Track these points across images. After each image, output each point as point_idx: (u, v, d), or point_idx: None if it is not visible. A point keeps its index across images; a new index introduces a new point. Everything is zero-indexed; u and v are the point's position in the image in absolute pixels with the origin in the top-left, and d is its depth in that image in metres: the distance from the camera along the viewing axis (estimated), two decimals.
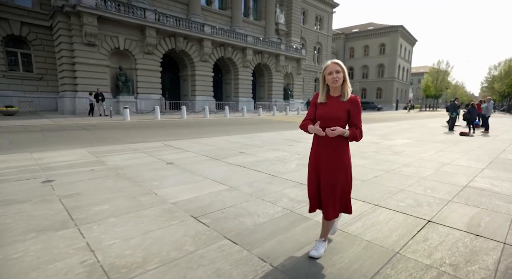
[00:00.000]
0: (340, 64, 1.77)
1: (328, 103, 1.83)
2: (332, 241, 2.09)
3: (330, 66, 1.77)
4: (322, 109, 1.84)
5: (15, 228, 2.15)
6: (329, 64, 1.79)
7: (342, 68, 1.77)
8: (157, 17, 18.16)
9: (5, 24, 16.18)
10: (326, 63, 1.81)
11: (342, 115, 1.78)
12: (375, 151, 6.23)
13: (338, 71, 1.75)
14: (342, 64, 1.79)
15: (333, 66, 1.76)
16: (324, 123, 1.78)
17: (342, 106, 1.78)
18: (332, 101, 1.82)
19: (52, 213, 2.44)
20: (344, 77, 1.78)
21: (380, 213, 2.63)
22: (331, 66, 1.77)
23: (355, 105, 1.80)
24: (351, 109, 1.79)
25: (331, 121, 1.77)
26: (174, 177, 3.73)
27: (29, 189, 3.07)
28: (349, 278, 1.63)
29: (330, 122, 1.77)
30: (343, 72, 1.77)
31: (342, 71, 1.76)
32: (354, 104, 1.79)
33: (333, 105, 1.80)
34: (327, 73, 1.78)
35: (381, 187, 3.47)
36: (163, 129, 10.25)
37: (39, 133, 8.30)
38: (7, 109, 13.25)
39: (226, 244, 2.00)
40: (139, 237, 2.07)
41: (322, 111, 1.83)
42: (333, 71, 1.75)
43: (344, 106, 1.78)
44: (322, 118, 1.81)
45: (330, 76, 1.76)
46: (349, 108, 1.78)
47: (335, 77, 1.75)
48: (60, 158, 4.67)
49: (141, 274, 1.62)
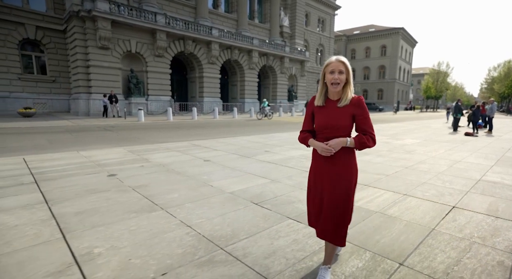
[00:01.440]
0: (345, 63, 1.47)
1: (328, 108, 1.54)
2: (376, 221, 2.53)
3: (333, 64, 1.47)
4: (321, 116, 1.55)
5: (115, 210, 2.59)
6: (332, 61, 1.48)
7: (347, 68, 1.48)
8: (167, 21, 18.64)
9: (22, 29, 16.66)
10: (329, 59, 1.50)
11: (346, 123, 1.49)
12: (388, 149, 6.67)
13: (341, 71, 1.46)
14: (348, 63, 1.49)
15: (336, 65, 1.46)
16: (325, 134, 1.52)
17: (345, 111, 1.49)
18: (332, 105, 1.53)
19: (135, 200, 2.89)
20: (348, 79, 1.49)
21: (410, 201, 3.07)
22: (334, 64, 1.47)
23: (360, 108, 1.50)
24: (356, 113, 1.49)
25: (333, 132, 1.50)
26: (218, 172, 4.17)
27: (100, 181, 3.51)
28: (399, 246, 2.07)
29: (332, 132, 1.50)
30: (347, 73, 1.48)
31: (346, 72, 1.47)
32: (359, 107, 1.50)
33: (334, 111, 1.51)
34: (328, 72, 1.49)
35: (404, 180, 3.91)
36: (181, 130, 10.69)
37: (68, 133, 8.74)
38: (26, 111, 13.69)
39: (292, 222, 2.45)
40: (219, 217, 2.51)
41: (322, 119, 1.54)
42: (335, 70, 1.46)
43: (347, 111, 1.49)
44: (323, 128, 1.53)
45: (331, 75, 1.47)
46: (353, 112, 1.49)
47: (337, 79, 1.45)
48: (106, 156, 5.11)
49: (238, 241, 2.06)
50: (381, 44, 51.71)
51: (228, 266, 1.76)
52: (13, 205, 2.66)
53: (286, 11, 30.80)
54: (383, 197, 3.20)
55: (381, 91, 52.94)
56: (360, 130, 1.53)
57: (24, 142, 6.86)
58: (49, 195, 2.94)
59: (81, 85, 16.29)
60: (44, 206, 2.64)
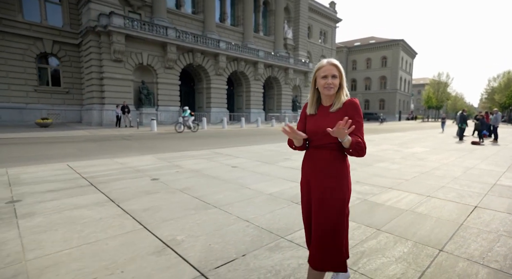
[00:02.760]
0: (338, 66, 1.38)
1: (319, 114, 1.44)
2: (408, 217, 2.83)
3: (325, 68, 1.37)
4: (311, 122, 1.45)
5: (174, 208, 2.91)
6: (324, 65, 1.38)
7: (340, 71, 1.39)
8: (177, 34, 19.40)
9: (40, 43, 17.40)
10: (321, 63, 1.40)
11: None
12: (401, 157, 6.98)
13: (334, 76, 1.36)
14: (341, 67, 1.40)
15: (329, 69, 1.37)
16: (315, 142, 1.42)
17: (337, 116, 1.36)
18: (325, 111, 1.43)
19: (188, 200, 3.21)
20: (341, 83, 1.39)
21: (434, 202, 3.37)
22: (326, 67, 1.37)
23: (353, 110, 1.35)
24: (348, 114, 1.34)
25: (323, 138, 1.38)
26: (250, 176, 4.50)
27: (147, 184, 3.84)
28: (435, 237, 2.38)
29: (322, 139, 1.38)
30: (341, 77, 1.39)
31: (339, 77, 1.38)
32: (351, 109, 1.36)
33: (325, 116, 1.40)
34: (320, 76, 1.38)
35: (424, 184, 4.22)
36: (197, 139, 11.06)
37: (91, 142, 9.11)
38: (43, 121, 14.15)
39: None
40: (269, 214, 2.82)
41: (312, 125, 1.43)
42: (328, 75, 1.36)
43: (339, 115, 1.35)
44: (312, 134, 1.42)
45: (323, 81, 1.37)
46: (345, 115, 1.34)
47: (330, 84, 1.35)
48: (140, 162, 5.45)
49: (294, 232, 2.37)
50: (381, 55, 52.84)
51: (294, 250, 2.07)
52: (86, 202, 2.99)
53: (290, 24, 31.84)
54: (408, 198, 3.51)
55: (382, 102, 53.64)
56: (350, 135, 1.30)
57: (56, 150, 7.22)
58: (111, 195, 3.27)
59: (95, 96, 16.82)
60: (113, 204, 2.96)
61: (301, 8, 31.95)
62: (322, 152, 1.41)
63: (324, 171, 1.38)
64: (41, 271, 1.72)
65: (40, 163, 5.33)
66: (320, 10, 39.08)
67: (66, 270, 1.73)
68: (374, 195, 3.59)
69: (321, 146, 1.40)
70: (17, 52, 16.64)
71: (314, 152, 1.44)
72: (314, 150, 1.44)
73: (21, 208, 2.77)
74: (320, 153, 1.41)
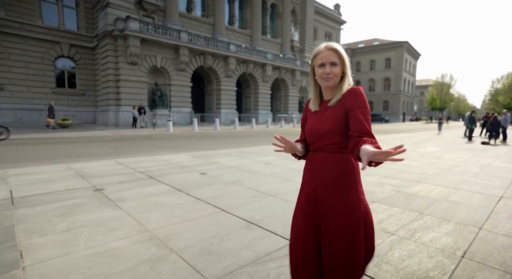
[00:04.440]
0: (338, 51, 1.11)
1: (319, 111, 1.19)
2: (444, 204, 3.23)
3: (322, 54, 1.11)
4: (311, 121, 1.21)
5: (236, 196, 3.33)
6: (321, 50, 1.12)
7: (342, 57, 1.11)
8: (189, 37, 19.91)
9: (57, 47, 17.98)
10: (318, 48, 1.15)
11: (336, 124, 1.09)
12: (418, 155, 7.37)
13: (334, 63, 1.10)
14: (342, 51, 1.11)
15: (326, 55, 1.10)
16: (312, 145, 1.19)
17: (335, 110, 1.11)
18: (325, 106, 1.18)
19: (244, 190, 3.62)
20: (344, 71, 1.13)
21: (462, 193, 3.77)
22: (323, 54, 1.11)
23: (353, 99, 1.08)
24: (347, 105, 1.08)
25: (318, 140, 1.15)
26: (287, 172, 4.91)
27: (200, 178, 4.26)
28: (472, 218, 2.77)
29: (318, 141, 1.15)
30: (343, 64, 1.12)
31: (340, 63, 1.11)
32: (349, 98, 1.09)
33: (324, 113, 1.16)
34: (317, 65, 1.13)
35: (447, 179, 4.61)
36: (217, 139, 11.49)
37: (120, 142, 9.58)
38: (64, 122, 14.66)
39: (378, 205, 3.16)
40: None
41: (310, 124, 1.21)
42: (326, 63, 1.10)
43: (338, 109, 1.10)
44: (309, 137, 1.21)
45: (320, 70, 1.11)
46: (344, 107, 1.09)
47: (328, 73, 1.10)
48: (179, 159, 5.88)
49: None
50: (385, 57, 53.17)
51: None
52: (158, 191, 3.41)
53: (296, 26, 32.34)
54: (437, 189, 3.90)
55: (386, 103, 53.91)
56: (354, 130, 1.03)
57: (95, 149, 7.69)
58: (175, 186, 3.69)
59: (111, 98, 17.33)
60: (182, 193, 3.38)
61: (308, 11, 32.45)
62: (322, 156, 1.14)
63: (329, 178, 1.11)
64: (166, 237, 2.15)
65: (90, 160, 5.77)
66: (325, 12, 39.59)
67: (184, 237, 2.16)
68: (406, 187, 3.99)
69: (319, 149, 1.15)
70: (36, 55, 17.22)
71: (312, 156, 1.19)
72: (314, 154, 1.18)
73: (110, 195, 3.21)
74: (320, 157, 1.15)
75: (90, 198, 3.09)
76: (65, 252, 1.89)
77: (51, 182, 3.76)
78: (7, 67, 16.27)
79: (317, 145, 1.16)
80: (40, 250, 1.91)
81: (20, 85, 16.79)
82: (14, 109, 16.54)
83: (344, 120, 1.09)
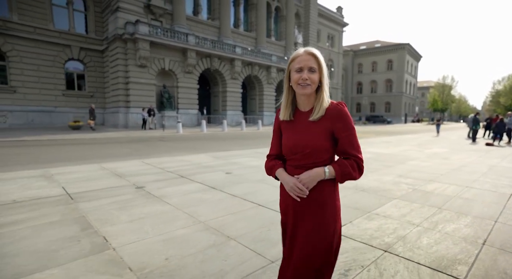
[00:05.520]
0: (317, 56, 1.04)
1: (296, 123, 1.11)
2: (459, 201, 3.50)
3: (300, 58, 1.03)
4: (287, 134, 1.12)
5: (268, 193, 3.61)
6: (300, 54, 1.04)
7: (320, 64, 1.04)
8: (196, 40, 20.27)
9: (68, 50, 18.38)
10: (296, 52, 1.07)
11: (321, 143, 1.04)
12: (426, 156, 7.64)
13: (312, 69, 1.02)
14: (321, 58, 1.04)
15: (305, 59, 1.02)
16: (294, 161, 1.10)
17: (319, 127, 1.05)
18: (303, 118, 1.10)
19: (272, 188, 3.90)
20: (321, 80, 1.05)
21: (474, 191, 4.04)
22: (302, 58, 1.03)
23: (340, 119, 1.04)
24: (335, 128, 1.04)
25: (304, 157, 1.07)
26: None
27: (226, 177, 4.55)
28: (487, 213, 3.05)
29: (303, 158, 1.07)
30: (320, 72, 1.04)
31: (318, 71, 1.03)
32: (338, 118, 1.04)
33: (304, 127, 1.08)
34: (294, 69, 1.05)
35: (458, 178, 4.89)
36: (227, 140, 11.79)
37: (137, 143, 9.90)
38: (75, 124, 15.00)
39: (398, 202, 3.45)
40: (350, 195, 3.52)
41: (288, 139, 1.11)
42: (304, 67, 1.02)
43: (322, 126, 1.05)
44: (290, 152, 1.11)
45: (297, 75, 1.03)
46: (331, 127, 1.04)
47: (305, 79, 1.01)
48: (200, 160, 6.18)
49: (378, 208, 3.07)
50: (387, 58, 53.48)
51: (384, 219, 2.76)
52: (194, 189, 3.71)
53: (300, 29, 32.70)
54: (450, 188, 4.18)
55: (388, 104, 54.16)
56: (341, 152, 1.06)
57: (116, 150, 8.00)
58: (208, 184, 3.99)
59: (121, 100, 17.68)
60: (216, 190, 3.67)
61: (311, 14, 32.82)
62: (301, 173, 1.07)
63: (308, 198, 1.06)
64: (220, 227, 2.44)
65: (117, 160, 6.07)
66: (327, 15, 39.97)
67: (235, 228, 2.45)
68: (421, 186, 4.27)
69: (301, 166, 1.08)
70: (48, 58, 17.60)
71: (293, 173, 1.10)
72: (294, 170, 1.10)
73: (153, 192, 3.50)
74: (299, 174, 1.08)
75: (135, 195, 3.39)
76: (140, 238, 2.19)
77: (93, 180, 4.06)
78: (20, 70, 16.65)
79: (299, 162, 1.08)
80: (118, 236, 2.21)
81: (32, 87, 17.17)
82: (26, 111, 16.90)
83: (331, 138, 1.05)
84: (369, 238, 2.36)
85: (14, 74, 16.50)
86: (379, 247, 2.19)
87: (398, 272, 1.83)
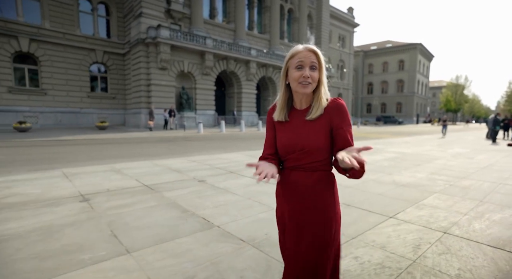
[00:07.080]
0: (318, 53, 1.00)
1: (293, 122, 1.06)
2: (497, 195, 3.79)
3: (301, 55, 0.99)
4: (284, 134, 1.08)
5: None
6: (299, 50, 1.00)
7: (320, 61, 1.01)
8: (214, 44, 20.84)
9: (93, 54, 19.24)
10: (295, 48, 1.02)
11: (320, 142, 1.00)
12: (452, 156, 7.84)
13: (313, 66, 0.99)
14: (321, 55, 1.01)
15: (306, 56, 0.98)
16: (291, 162, 1.06)
17: (318, 125, 1.01)
18: (300, 117, 1.06)
19: None
20: (320, 79, 1.02)
21: (509, 187, 4.31)
22: (303, 54, 0.99)
23: (339, 115, 1.01)
24: (334, 122, 1.01)
25: (302, 157, 1.03)
26: None
27: None
28: (503, 209, 3.35)
29: (301, 158, 1.03)
30: (320, 70, 1.01)
31: (319, 68, 1.00)
32: (337, 114, 1.01)
33: (302, 125, 1.04)
34: (293, 66, 1.00)
35: (489, 175, 5.13)
36: (248, 141, 12.22)
37: (166, 143, 10.44)
38: (101, 124, 15.71)
39: (439, 194, 3.77)
40: (379, 195, 3.87)
41: (285, 138, 1.07)
42: (305, 65, 0.98)
43: (321, 124, 1.01)
44: (286, 151, 1.06)
45: (298, 72, 0.98)
46: (330, 124, 1.01)
47: (307, 77, 0.98)
48: (236, 158, 6.60)
49: (398, 213, 3.40)
50: (398, 59, 53.03)
51: (406, 224, 3.10)
52: (250, 183, 4.10)
53: (312, 30, 32.98)
54: (485, 184, 4.46)
55: (399, 105, 53.65)
56: (341, 145, 0.99)
57: (151, 149, 8.53)
58: None
59: (143, 101, 18.37)
60: (271, 184, 4.06)
61: (323, 15, 33.04)
62: (301, 175, 1.04)
63: (305, 201, 1.03)
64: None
65: (162, 158, 6.56)
66: (339, 16, 40.06)
67: None
68: (456, 182, 4.56)
69: (299, 167, 1.04)
70: (75, 62, 18.49)
71: (290, 175, 1.07)
72: (290, 172, 1.08)
73: (216, 184, 3.93)
74: (298, 176, 1.05)
75: (203, 187, 3.82)
76: (233, 219, 2.60)
77: (156, 174, 4.53)
78: (50, 73, 17.57)
79: (297, 163, 1.04)
80: (214, 217, 2.63)
81: (60, 90, 18.07)
82: (55, 112, 17.80)
83: (329, 136, 1.01)
84: (426, 222, 2.71)
85: (45, 77, 17.43)
86: (438, 230, 2.54)
87: (462, 248, 2.18)
